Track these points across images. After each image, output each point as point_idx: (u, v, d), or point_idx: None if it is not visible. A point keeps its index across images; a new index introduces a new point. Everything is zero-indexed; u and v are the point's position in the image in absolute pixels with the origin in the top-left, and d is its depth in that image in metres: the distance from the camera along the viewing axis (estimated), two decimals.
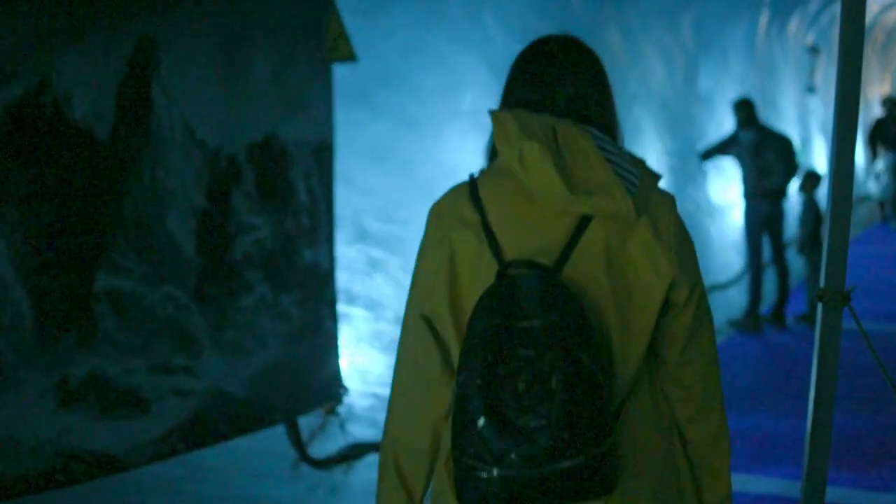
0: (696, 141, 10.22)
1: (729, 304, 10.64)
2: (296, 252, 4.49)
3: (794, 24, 13.47)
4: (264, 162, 4.32)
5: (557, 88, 2.21)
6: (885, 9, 18.54)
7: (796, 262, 10.99)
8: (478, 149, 6.09)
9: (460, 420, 1.96)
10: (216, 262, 4.10)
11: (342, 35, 4.65)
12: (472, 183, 2.19)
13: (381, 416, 5.29)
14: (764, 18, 12.08)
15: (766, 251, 9.93)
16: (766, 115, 11.00)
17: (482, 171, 2.23)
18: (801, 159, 11.58)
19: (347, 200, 4.96)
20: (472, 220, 2.13)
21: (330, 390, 4.72)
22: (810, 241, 9.83)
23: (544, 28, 6.69)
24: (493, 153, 2.27)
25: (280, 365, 4.39)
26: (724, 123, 11.00)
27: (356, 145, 5.03)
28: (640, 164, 2.24)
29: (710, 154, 9.89)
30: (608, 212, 2.06)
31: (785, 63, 13.59)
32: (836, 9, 15.08)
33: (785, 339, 9.56)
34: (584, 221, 2.08)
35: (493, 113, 2.14)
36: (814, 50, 14.97)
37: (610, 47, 8.11)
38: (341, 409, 4.88)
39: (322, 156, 4.65)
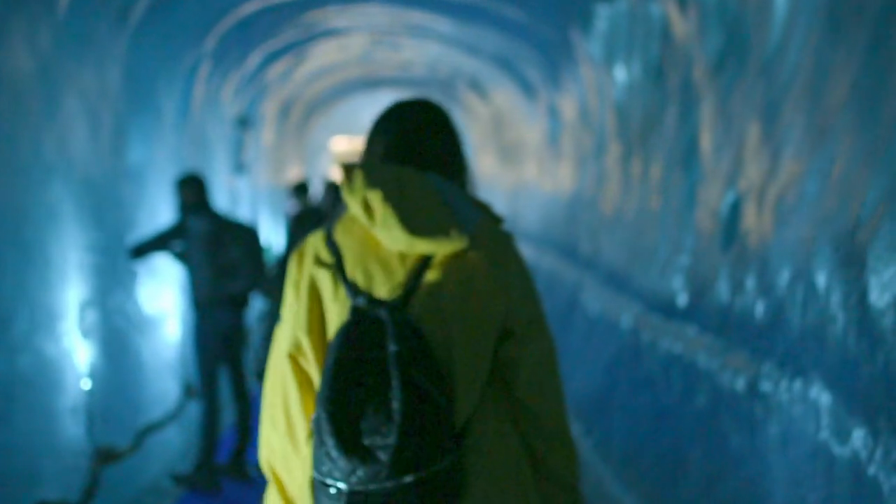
0: (124, 231, 8.02)
1: (167, 449, 8.53)
2: None
3: (229, 88, 11.72)
4: None
5: (411, 143, 2.65)
6: (308, 82, 17.65)
7: (254, 391, 9.30)
8: None
9: (316, 443, 2.40)
10: None
11: None
12: (328, 230, 2.65)
13: None
14: (204, 72, 10.18)
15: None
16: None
17: (336, 220, 2.66)
18: (269, 256, 9.86)
19: None
20: (329, 262, 2.58)
21: None
22: None
23: None
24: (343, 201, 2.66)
25: None
26: (158, 208, 8.92)
27: None
28: (483, 207, 2.64)
29: (144, 250, 7.79)
30: (445, 250, 2.49)
31: (218, 134, 11.78)
32: (270, 75, 13.65)
33: (252, 498, 7.78)
34: (426, 260, 2.51)
35: (341, 165, 2.61)
36: (242, 122, 13.36)
37: (17, 84, 5.71)
38: None
39: None
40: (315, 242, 2.63)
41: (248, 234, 7.80)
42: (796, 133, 4.15)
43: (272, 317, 8.34)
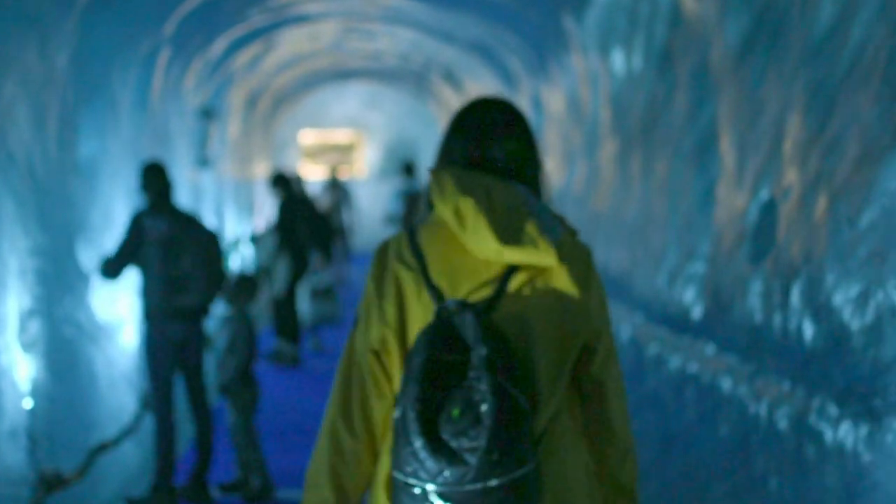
0: (74, 232, 7.34)
1: (122, 470, 7.88)
2: None
3: (192, 76, 11.03)
4: None
5: (493, 148, 2.66)
6: (277, 72, 16.96)
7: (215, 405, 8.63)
8: None
9: (400, 442, 2.42)
10: None
11: None
12: (411, 232, 2.66)
13: None
14: (163, 59, 9.48)
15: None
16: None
17: (420, 224, 2.68)
18: (229, 262, 9.17)
19: None
20: (413, 264, 2.60)
21: None
22: (240, 378, 7.36)
23: None
24: (429, 206, 2.68)
25: None
26: (112, 208, 8.25)
27: None
28: (561, 220, 2.65)
29: (118, 265, 6.98)
30: (533, 262, 2.53)
31: (180, 126, 11.09)
32: (236, 63, 12.96)
33: None
34: (511, 268, 2.56)
35: (431, 171, 2.64)
36: (206, 113, 12.67)
37: None
38: None
39: None
40: (398, 243, 2.65)
41: (206, 242, 7.11)
42: (860, 126, 3.52)
43: (235, 323, 7.61)
